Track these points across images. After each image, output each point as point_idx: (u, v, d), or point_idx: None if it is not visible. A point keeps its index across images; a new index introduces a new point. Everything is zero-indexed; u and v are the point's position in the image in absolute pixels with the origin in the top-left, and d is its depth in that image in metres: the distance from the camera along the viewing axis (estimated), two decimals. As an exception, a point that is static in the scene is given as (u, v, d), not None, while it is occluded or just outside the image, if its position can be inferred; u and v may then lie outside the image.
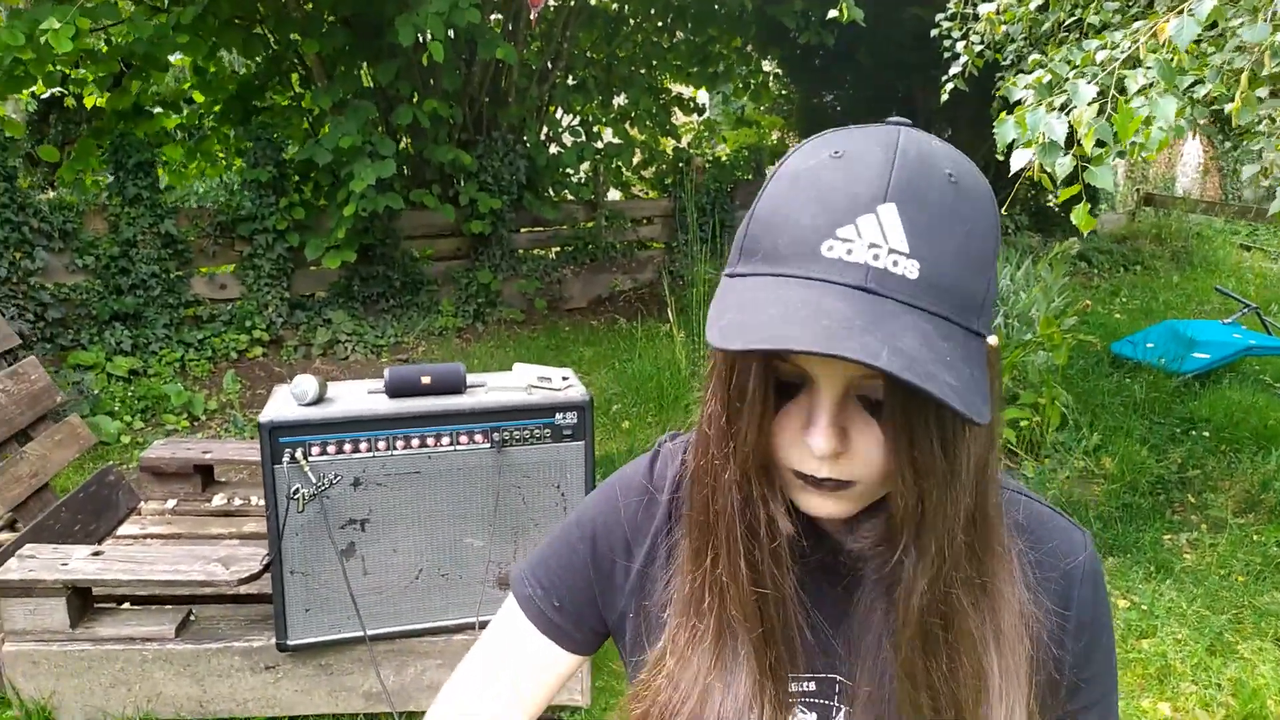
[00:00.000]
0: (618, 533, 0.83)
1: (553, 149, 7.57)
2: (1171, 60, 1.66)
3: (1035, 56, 2.31)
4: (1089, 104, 1.65)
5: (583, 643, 0.85)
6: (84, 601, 2.50)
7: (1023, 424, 4.42)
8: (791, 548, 0.69)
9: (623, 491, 0.84)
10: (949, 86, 3.14)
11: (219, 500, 3.20)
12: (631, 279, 7.79)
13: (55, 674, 2.43)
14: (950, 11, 3.56)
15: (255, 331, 5.85)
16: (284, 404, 2.38)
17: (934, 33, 3.59)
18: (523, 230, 7.31)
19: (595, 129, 7.85)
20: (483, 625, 2.43)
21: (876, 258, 0.57)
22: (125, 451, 4.54)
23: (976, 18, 3.07)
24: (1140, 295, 7.95)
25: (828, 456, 0.63)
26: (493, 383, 2.54)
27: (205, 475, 3.29)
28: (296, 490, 2.32)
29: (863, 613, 0.71)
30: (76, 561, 2.46)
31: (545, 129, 7.47)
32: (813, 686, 0.76)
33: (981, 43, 3.11)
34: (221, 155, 6.76)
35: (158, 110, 6.04)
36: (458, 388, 2.47)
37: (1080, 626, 0.76)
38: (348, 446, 2.36)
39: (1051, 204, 10.17)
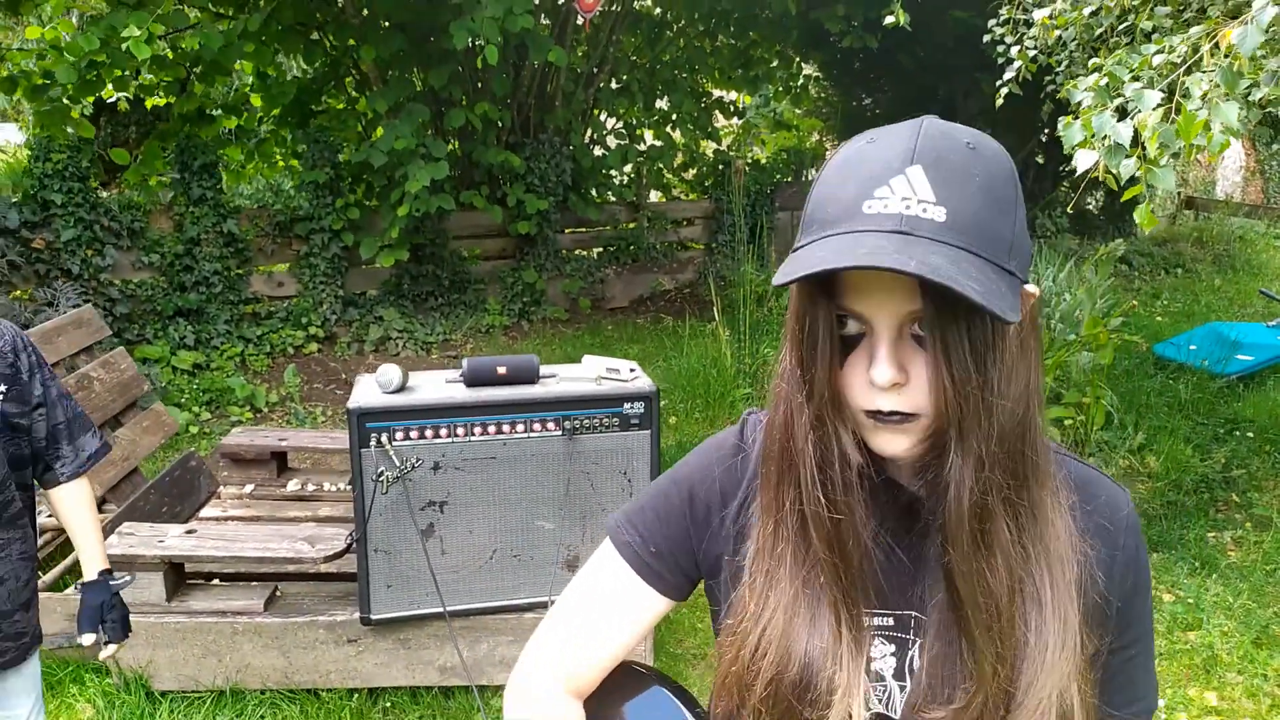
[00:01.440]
0: (714, 486, 0.91)
1: (597, 151, 7.70)
2: (1233, 65, 1.74)
3: (1095, 60, 2.39)
4: (1154, 108, 1.74)
5: (674, 586, 0.92)
6: (178, 577, 2.66)
7: (1067, 423, 4.46)
8: (865, 490, 0.77)
9: (717, 450, 0.92)
10: (1004, 91, 3.23)
11: (293, 485, 3.36)
12: (673, 279, 7.90)
13: (151, 644, 2.59)
14: (1003, 17, 3.64)
15: (311, 328, 6.04)
16: (369, 391, 2.52)
17: (986, 38, 3.66)
18: (567, 231, 7.45)
19: (638, 131, 7.97)
20: (554, 604, 2.56)
21: (909, 207, 0.68)
22: (193, 441, 4.73)
23: (1029, 24, 3.15)
24: (1182, 298, 7.92)
25: (889, 388, 0.71)
26: (564, 374, 2.67)
27: (280, 462, 3.45)
28: (381, 473, 2.46)
29: (934, 555, 0.79)
30: (172, 539, 2.61)
31: (590, 131, 7.61)
32: (890, 622, 0.83)
33: (1034, 47, 3.19)
34: (279, 158, 6.97)
35: (218, 114, 6.25)
36: (531, 378, 2.60)
37: (1126, 566, 0.84)
38: (429, 432, 2.50)
39: (1090, 207, 10.14)
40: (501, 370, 2.58)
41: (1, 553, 1.69)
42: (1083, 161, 1.92)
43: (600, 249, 7.72)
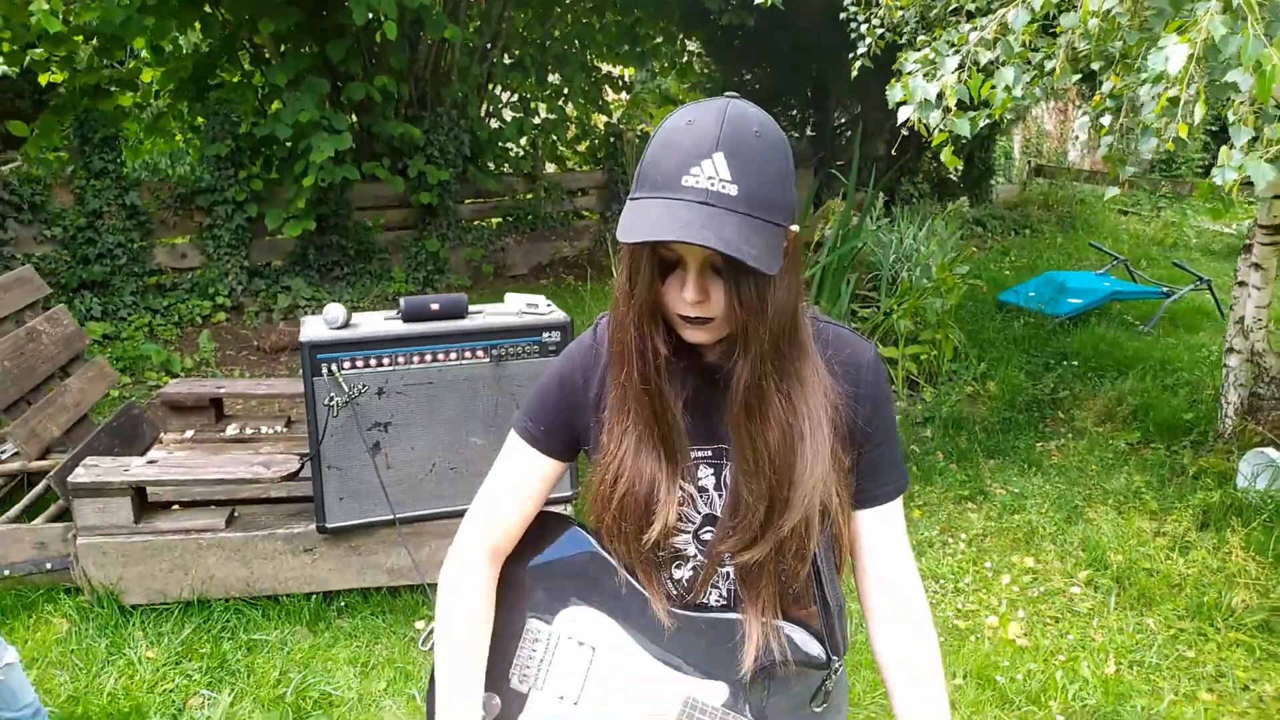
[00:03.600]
0: (578, 374, 1.22)
1: (493, 124, 8.00)
2: (1018, 39, 2.29)
3: (923, 37, 2.94)
4: (952, 72, 2.27)
5: (560, 451, 1.25)
6: (142, 501, 2.94)
7: (922, 357, 5.13)
8: (672, 370, 1.10)
9: (578, 347, 1.25)
10: (857, 65, 3.77)
11: (232, 430, 3.63)
12: (571, 246, 8.30)
13: (122, 562, 2.87)
14: (856, -1, 4.19)
15: (219, 298, 6.18)
16: (318, 327, 2.86)
17: (841, 15, 4.20)
18: (467, 201, 7.73)
19: (532, 105, 8.30)
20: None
21: (712, 184, 0.98)
22: (116, 405, 4.87)
23: (878, 3, 3.69)
24: (1027, 254, 8.83)
25: (695, 302, 1.04)
26: (489, 309, 3.06)
27: (217, 409, 3.71)
28: (332, 398, 2.81)
29: (729, 403, 1.10)
30: (136, 468, 2.89)
31: (486, 105, 7.89)
32: (709, 453, 1.17)
33: (881, 26, 3.74)
34: (176, 131, 6.99)
35: (113, 88, 6.26)
36: (461, 313, 2.99)
37: (866, 396, 1.18)
38: (373, 361, 2.85)
39: (952, 176, 11.06)
40: (435, 306, 2.96)
41: None
42: (902, 115, 2.46)
43: (500, 219, 8.04)
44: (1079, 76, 2.83)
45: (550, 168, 8.79)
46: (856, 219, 5.85)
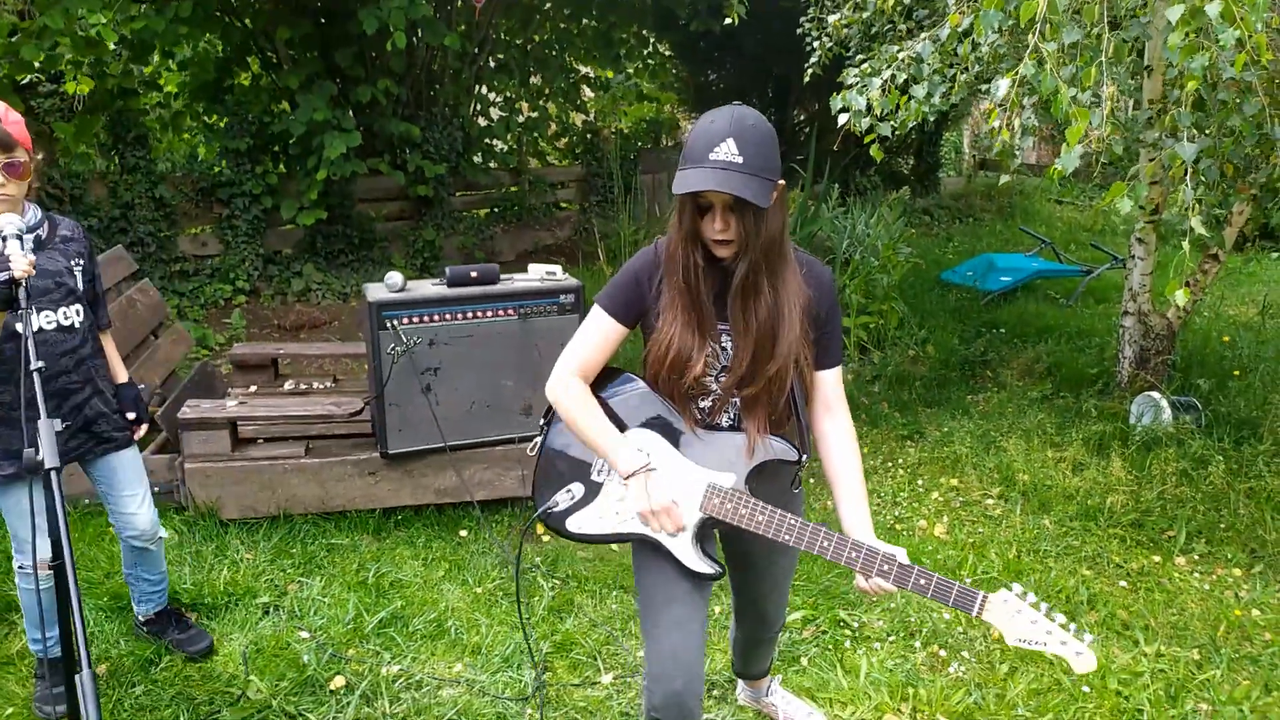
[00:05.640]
0: (644, 273, 1.90)
1: (482, 122, 8.66)
2: (928, 65, 3.05)
3: (860, 56, 3.70)
4: (877, 89, 3.03)
5: (628, 320, 1.91)
6: (235, 435, 3.60)
7: (871, 325, 5.91)
8: (705, 273, 1.82)
9: (644, 255, 1.93)
10: (809, 72, 4.54)
11: (289, 385, 4.29)
12: (552, 235, 8.99)
13: (220, 484, 3.53)
14: (810, 15, 4.95)
15: (238, 282, 6.78)
16: (380, 291, 3.54)
17: (798, 31, 4.95)
18: (459, 194, 8.39)
19: (516, 105, 8.97)
20: (521, 440, 3.67)
21: (727, 156, 1.66)
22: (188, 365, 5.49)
23: (826, 21, 4.45)
24: (970, 240, 9.69)
25: (721, 230, 1.74)
26: (517, 277, 3.76)
27: (274, 368, 4.36)
28: (393, 348, 3.49)
29: (731, 296, 1.90)
30: (230, 406, 3.55)
31: (475, 105, 8.55)
32: (726, 327, 1.86)
33: (830, 41, 4.49)
34: (193, 129, 7.56)
35: (141, 90, 6.82)
36: (494, 280, 3.68)
37: (824, 299, 1.88)
38: (425, 318, 3.54)
39: (903, 170, 11.92)
40: (474, 274, 3.65)
41: (98, 372, 2.54)
42: (840, 120, 3.23)
43: (488, 210, 8.71)
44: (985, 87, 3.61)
45: (533, 163, 9.47)
46: (814, 207, 6.61)
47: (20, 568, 2.49)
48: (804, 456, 1.92)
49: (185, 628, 2.89)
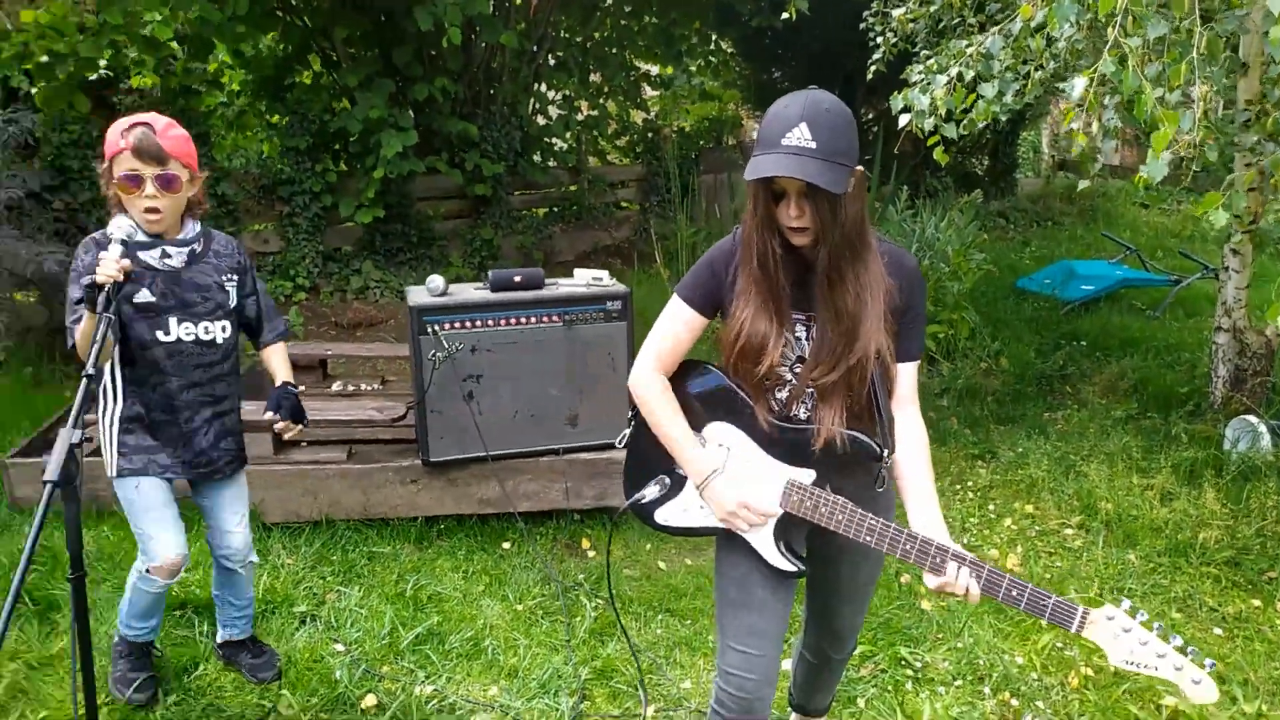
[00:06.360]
0: (721, 262, 1.85)
1: (541, 121, 8.57)
2: (998, 61, 2.79)
3: (925, 52, 3.46)
4: (942, 87, 2.79)
5: (706, 310, 1.87)
6: (279, 437, 3.52)
7: (940, 335, 5.62)
8: (781, 261, 1.76)
9: (721, 245, 1.90)
10: (873, 69, 4.31)
11: (337, 386, 4.22)
12: (610, 235, 8.86)
13: (264, 486, 3.46)
14: (874, 9, 4.71)
15: (298, 279, 6.80)
16: (421, 295, 3.43)
17: (861, 26, 4.72)
18: (517, 193, 8.31)
19: (576, 103, 8.86)
20: (566, 451, 3.53)
21: (801, 141, 1.59)
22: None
23: (891, 16, 4.21)
24: (1048, 246, 9.26)
25: (795, 216, 1.67)
26: (562, 282, 3.62)
27: (323, 369, 4.30)
28: (434, 353, 3.38)
29: (816, 284, 1.79)
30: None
31: (534, 103, 8.46)
32: (803, 317, 1.80)
33: (895, 36, 4.25)
34: (255, 127, 7.63)
35: (203, 89, 6.89)
36: (539, 284, 3.54)
37: (906, 288, 1.79)
38: (467, 323, 3.42)
39: (977, 171, 11.47)
40: (517, 279, 3.52)
41: (231, 389, 2.55)
42: (901, 120, 3.00)
43: (547, 209, 8.62)
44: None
45: (593, 162, 9.35)
46: (881, 209, 6.35)
47: (146, 571, 2.46)
48: (887, 452, 1.81)
49: (259, 653, 2.81)
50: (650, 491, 1.95)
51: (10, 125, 5.47)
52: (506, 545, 3.57)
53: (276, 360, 2.66)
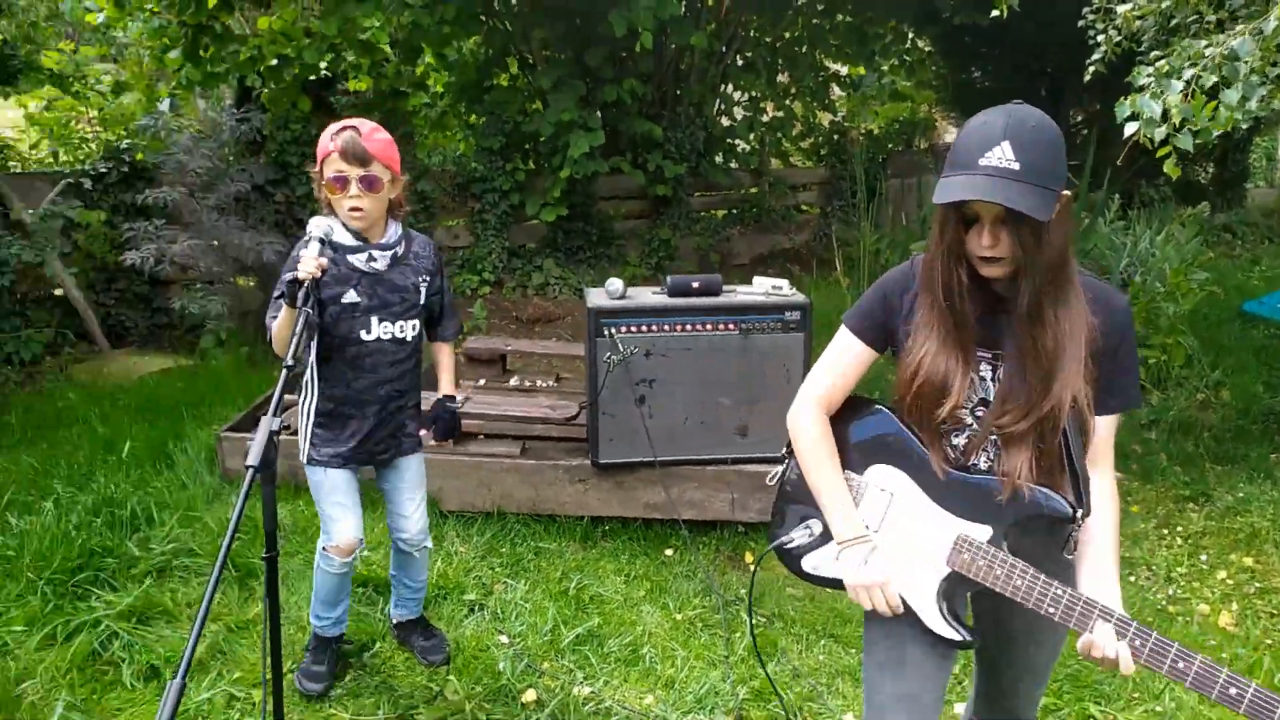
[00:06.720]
0: (896, 291, 1.71)
1: (724, 122, 8.52)
2: (1245, 65, 2.45)
3: (1155, 53, 3.11)
4: (1177, 93, 2.48)
5: (877, 343, 1.74)
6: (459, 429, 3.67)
7: (1150, 361, 5.13)
8: (969, 293, 1.59)
9: (898, 272, 1.76)
10: (1091, 70, 3.95)
11: (514, 381, 4.35)
12: (789, 239, 8.70)
13: (442, 475, 3.61)
14: (1095, 5, 4.33)
15: (484, 274, 7.10)
16: (600, 297, 3.46)
17: (1080, 23, 4.34)
18: (697, 194, 8.31)
19: (761, 104, 8.75)
20: (734, 462, 3.48)
21: (1000, 162, 1.43)
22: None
23: (1115, 13, 3.84)
24: (1282, 264, 8.29)
25: (989, 246, 1.51)
26: (741, 289, 3.55)
27: (502, 364, 4.45)
28: (609, 356, 3.41)
29: (1010, 324, 1.62)
30: (457, 401, 3.62)
31: (719, 104, 8.43)
32: (989, 355, 1.64)
33: (1119, 34, 3.88)
34: (456, 128, 8.05)
35: (409, 90, 7.33)
36: (716, 291, 3.50)
37: (1114, 331, 1.60)
38: (643, 327, 3.42)
39: (1201, 179, 10.42)
40: (695, 284, 3.49)
41: (413, 382, 2.63)
42: (1128, 129, 2.69)
43: (726, 211, 8.57)
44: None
45: (775, 163, 9.21)
46: (1089, 220, 5.86)
47: (323, 549, 2.62)
48: (1080, 514, 1.60)
49: (429, 635, 2.93)
50: (798, 536, 1.81)
51: (243, 124, 6.01)
52: (669, 552, 3.55)
53: (443, 360, 2.77)
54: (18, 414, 4.74)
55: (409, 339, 2.57)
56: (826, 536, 1.78)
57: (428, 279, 2.59)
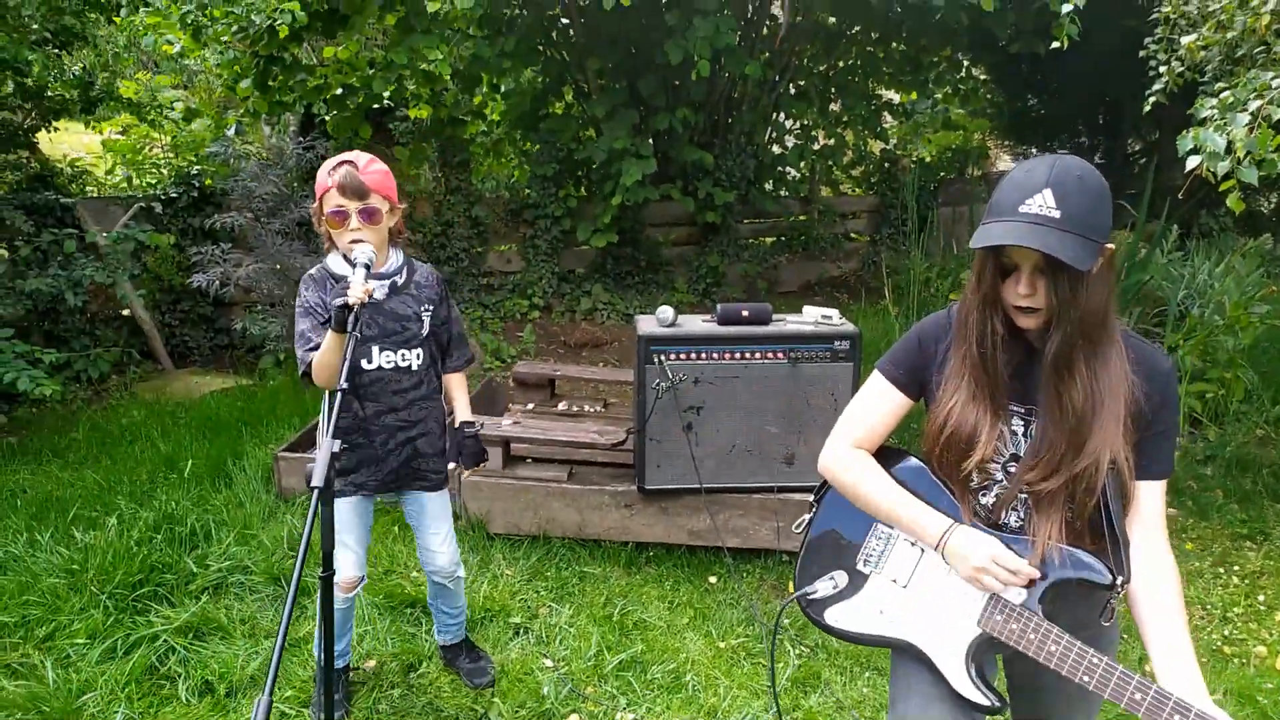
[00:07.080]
0: (931, 338, 1.71)
1: (775, 150, 8.56)
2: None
3: (1220, 84, 3.07)
4: (1243, 126, 2.45)
5: (910, 390, 1.73)
6: (508, 452, 3.74)
7: (1208, 395, 5.01)
8: (1002, 344, 1.57)
9: (934, 320, 1.76)
10: (1150, 100, 3.91)
11: (563, 406, 4.42)
12: (838, 267, 8.67)
13: (490, 498, 3.68)
14: (1158, 35, 4.28)
15: (534, 298, 7.20)
16: (650, 324, 3.51)
17: (1142, 53, 4.30)
18: (745, 221, 8.34)
19: (813, 132, 8.77)
20: (780, 490, 3.48)
21: (1041, 209, 1.42)
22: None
23: (1178, 44, 3.80)
24: (1352, 297, 8.01)
25: (1026, 295, 1.49)
26: (790, 319, 3.57)
27: (551, 388, 4.52)
28: (658, 383, 3.45)
29: (1043, 373, 1.58)
30: (505, 425, 3.69)
31: (770, 132, 8.47)
32: (1021, 409, 1.61)
33: (1182, 65, 3.84)
34: (511, 155, 8.22)
35: (467, 119, 7.51)
36: (766, 320, 3.52)
37: (1156, 392, 1.55)
38: (692, 355, 3.46)
39: (1263, 210, 10.14)
40: (745, 313, 3.52)
41: (426, 412, 2.62)
42: (1191, 162, 2.67)
43: (774, 238, 8.58)
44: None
45: (825, 191, 9.20)
46: (1145, 251, 5.77)
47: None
48: (1120, 580, 1.54)
49: (475, 658, 2.97)
50: (822, 588, 1.76)
51: (309, 151, 6.21)
52: (713, 580, 3.56)
53: (456, 390, 2.76)
54: (84, 430, 4.93)
55: (413, 368, 2.56)
56: (851, 589, 1.75)
57: (431, 308, 2.59)
